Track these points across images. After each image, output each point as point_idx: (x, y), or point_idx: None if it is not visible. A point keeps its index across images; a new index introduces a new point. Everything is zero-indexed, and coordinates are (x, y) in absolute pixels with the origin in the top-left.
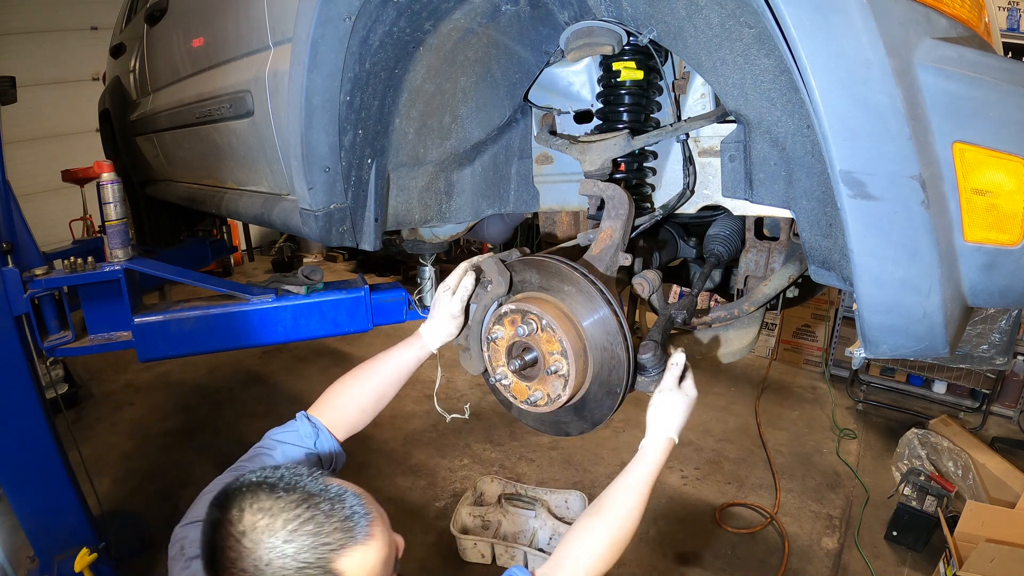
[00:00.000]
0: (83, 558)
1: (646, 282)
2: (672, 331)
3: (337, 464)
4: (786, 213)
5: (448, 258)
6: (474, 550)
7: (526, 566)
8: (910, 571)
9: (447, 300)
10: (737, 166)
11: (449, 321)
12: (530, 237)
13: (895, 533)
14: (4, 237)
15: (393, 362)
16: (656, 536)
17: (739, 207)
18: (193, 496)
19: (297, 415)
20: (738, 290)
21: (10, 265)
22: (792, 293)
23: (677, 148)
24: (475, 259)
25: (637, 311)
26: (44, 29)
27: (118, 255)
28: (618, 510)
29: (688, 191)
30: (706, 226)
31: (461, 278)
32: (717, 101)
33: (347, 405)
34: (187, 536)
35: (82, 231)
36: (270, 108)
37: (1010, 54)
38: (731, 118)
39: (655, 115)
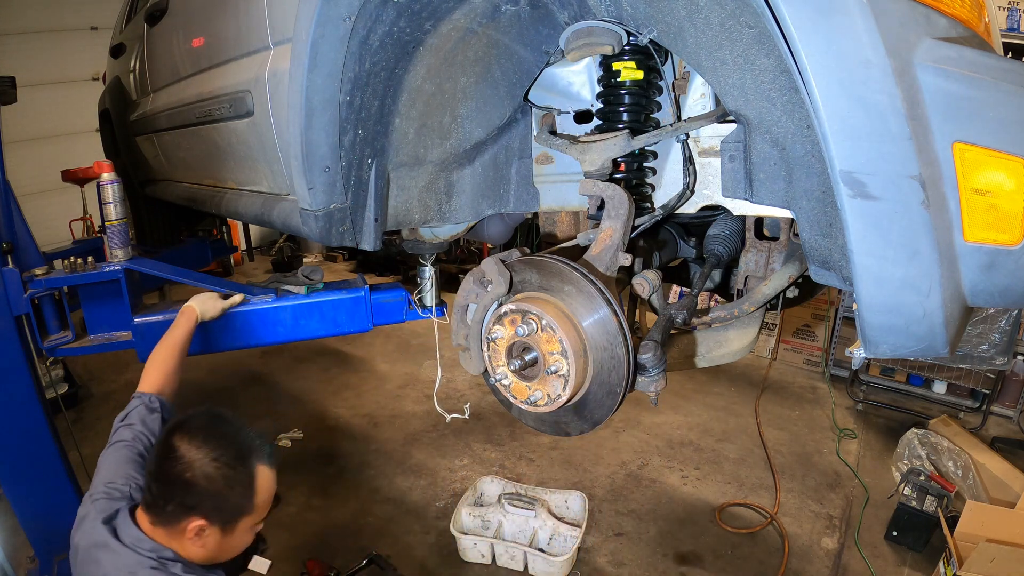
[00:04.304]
0: None
1: (646, 282)
2: (672, 331)
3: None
4: (786, 213)
5: (448, 258)
6: (474, 550)
7: (526, 568)
8: (910, 571)
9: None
10: (737, 166)
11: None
12: (530, 237)
13: (895, 533)
14: (4, 237)
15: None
16: (656, 536)
17: (739, 207)
18: None
19: (136, 397)
20: (738, 290)
21: (10, 265)
22: (792, 293)
23: (677, 148)
24: None
25: (637, 311)
26: (44, 29)
27: (118, 255)
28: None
29: (688, 191)
30: (706, 226)
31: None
32: (717, 101)
33: (173, 373)
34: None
35: (82, 231)
36: (270, 108)
37: (1010, 54)
38: (731, 118)
39: (655, 115)
